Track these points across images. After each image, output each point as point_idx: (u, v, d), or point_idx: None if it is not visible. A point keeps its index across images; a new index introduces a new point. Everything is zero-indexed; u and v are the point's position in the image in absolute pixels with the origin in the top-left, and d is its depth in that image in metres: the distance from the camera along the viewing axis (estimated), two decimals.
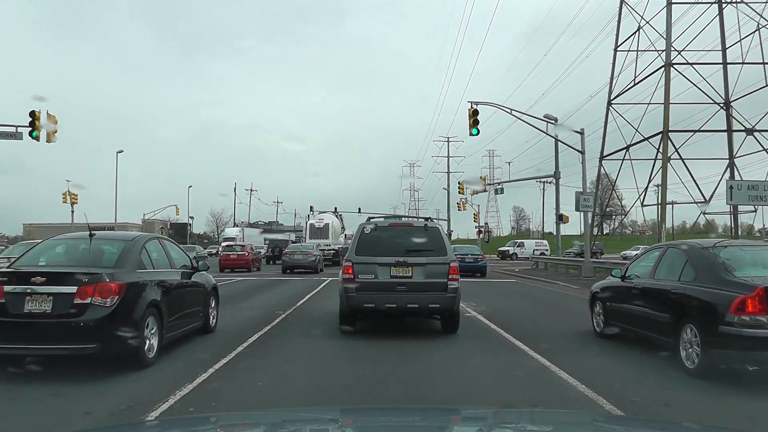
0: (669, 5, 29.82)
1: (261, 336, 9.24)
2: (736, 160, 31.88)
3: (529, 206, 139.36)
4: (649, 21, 30.64)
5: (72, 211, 40.19)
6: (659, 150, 30.30)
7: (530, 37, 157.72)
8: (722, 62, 31.85)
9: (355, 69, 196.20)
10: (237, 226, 69.05)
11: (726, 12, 31.33)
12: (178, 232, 60.21)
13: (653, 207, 35.16)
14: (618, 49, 33.18)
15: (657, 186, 32.98)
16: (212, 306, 9.53)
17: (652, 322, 7.73)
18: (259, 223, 72.29)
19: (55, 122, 21.83)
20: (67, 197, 40.18)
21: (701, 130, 31.47)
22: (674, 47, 29.82)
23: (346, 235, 46.79)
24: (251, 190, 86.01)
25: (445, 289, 9.22)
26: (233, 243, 41.13)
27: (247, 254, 32.04)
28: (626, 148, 32.37)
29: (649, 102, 31.41)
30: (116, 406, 5.44)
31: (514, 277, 28.43)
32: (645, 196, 32.55)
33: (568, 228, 34.51)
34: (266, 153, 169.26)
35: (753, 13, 29.99)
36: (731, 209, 31.60)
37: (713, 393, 6.12)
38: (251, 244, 41.19)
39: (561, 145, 31.56)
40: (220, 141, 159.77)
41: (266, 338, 9.13)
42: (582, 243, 32.45)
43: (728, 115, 31.62)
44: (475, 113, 24.06)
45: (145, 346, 6.82)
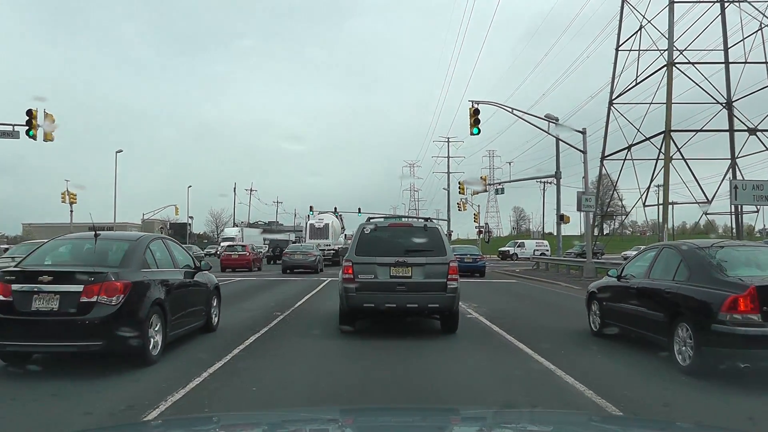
0: (671, 4, 29.89)
1: (259, 337, 9.24)
2: (738, 160, 32.05)
3: (529, 206, 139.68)
4: (650, 20, 30.79)
5: (71, 211, 40.42)
6: (661, 150, 30.42)
7: (531, 37, 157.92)
8: (724, 62, 31.97)
9: (356, 69, 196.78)
10: (236, 226, 69.21)
11: (728, 11, 31.48)
12: (178, 232, 60.32)
13: (653, 207, 35.33)
14: (619, 48, 33.25)
15: (658, 186, 33.12)
16: (214, 305, 9.75)
17: (647, 321, 7.93)
18: (259, 223, 72.40)
19: (53, 121, 21.78)
20: (66, 197, 40.35)
21: (703, 130, 31.56)
22: (676, 47, 29.96)
23: (346, 235, 46.99)
24: (251, 190, 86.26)
25: (445, 288, 9.31)
26: (233, 243, 41.53)
27: (248, 254, 32.60)
28: (628, 148, 32.44)
29: (651, 102, 31.51)
30: (116, 406, 5.51)
31: (515, 278, 28.36)
32: (647, 196, 32.74)
33: (568, 228, 34.62)
34: (266, 153, 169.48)
35: (755, 12, 30.14)
36: (733, 209, 31.81)
37: (713, 393, 6.19)
38: (252, 244, 41.76)
39: (562, 145, 31.53)
40: (220, 141, 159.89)
41: (264, 339, 9.12)
42: (582, 243, 32.56)
43: (730, 115, 31.74)
44: (476, 112, 24.06)
45: (149, 344, 7.03)
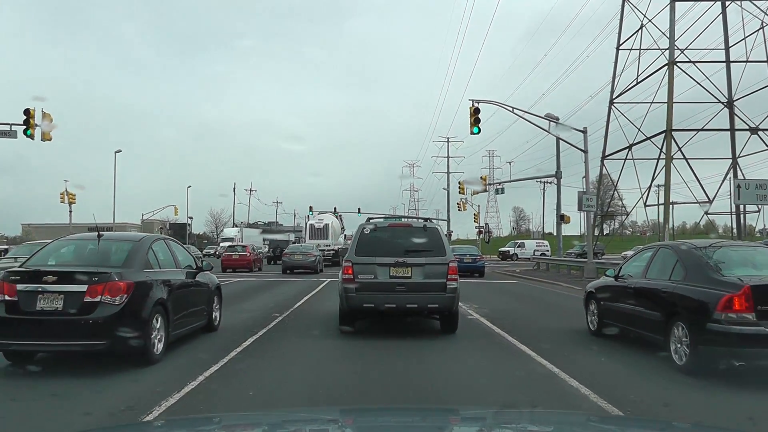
0: (672, 3, 29.98)
1: (257, 339, 9.24)
2: (739, 160, 32.16)
3: (529, 207, 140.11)
4: (651, 19, 30.90)
5: (70, 211, 40.57)
6: (662, 150, 30.52)
7: (531, 37, 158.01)
8: (725, 60, 32.08)
9: (356, 69, 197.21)
10: (236, 226, 69.39)
11: (729, 10, 31.58)
12: (177, 232, 60.33)
13: (653, 207, 35.40)
14: (620, 47, 33.34)
15: (658, 186, 33.21)
16: (216, 305, 9.90)
17: (644, 321, 8.07)
18: (259, 223, 72.56)
19: (51, 120, 21.82)
20: (65, 197, 40.49)
21: (705, 129, 31.65)
22: (677, 46, 30.06)
23: (345, 235, 47.17)
24: (251, 190, 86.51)
25: (444, 289, 9.39)
26: (234, 244, 41.90)
27: (248, 254, 33.11)
28: (628, 148, 32.55)
29: (652, 101, 31.62)
30: (116, 406, 5.55)
31: (516, 278, 28.41)
32: (648, 196, 32.85)
33: (568, 228, 34.69)
34: (266, 153, 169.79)
35: (757, 10, 30.26)
36: (734, 209, 31.92)
37: (713, 393, 6.24)
38: (252, 244, 42.21)
39: (562, 145, 31.55)
40: (220, 141, 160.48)
41: (262, 341, 9.11)
42: (583, 243, 32.67)
43: (731, 114, 31.86)
44: (476, 111, 24.09)
45: (152, 344, 7.18)
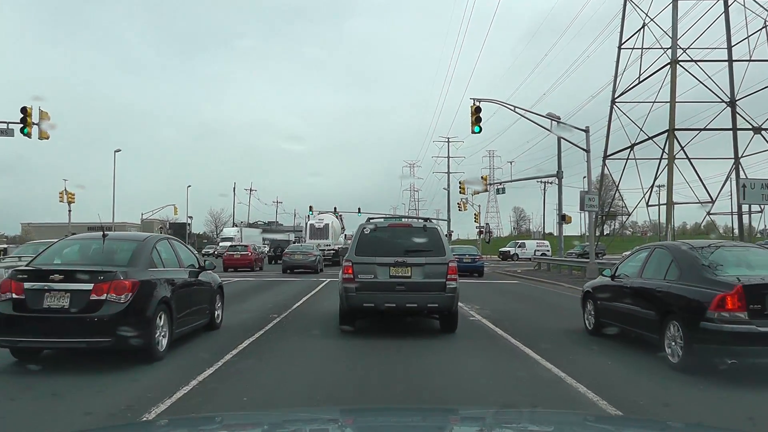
0: (674, 2, 30.23)
1: (254, 341, 9.28)
2: (741, 160, 32.34)
3: (530, 207, 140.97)
4: (653, 18, 31.15)
5: (69, 211, 40.81)
6: (664, 149, 30.72)
7: (531, 37, 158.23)
8: (728, 59, 32.27)
9: (356, 69, 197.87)
10: (236, 226, 69.71)
11: (732, 9, 31.81)
12: (177, 232, 60.49)
13: (654, 207, 35.52)
14: (622, 46, 33.60)
15: (659, 187, 33.38)
16: (218, 304, 10.15)
17: (639, 320, 8.28)
18: (259, 223, 72.91)
19: (48, 119, 21.94)
20: (64, 196, 40.69)
21: (707, 129, 31.88)
22: (679, 45, 30.26)
23: (345, 235, 47.52)
24: (250, 190, 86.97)
25: (444, 288, 9.54)
26: (235, 243, 42.46)
27: (250, 254, 33.87)
28: (630, 147, 32.78)
29: (654, 100, 31.87)
30: (116, 406, 5.61)
31: (517, 279, 28.45)
32: (650, 195, 33.07)
33: (568, 229, 34.71)
34: (266, 153, 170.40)
35: (759, 9, 30.46)
36: (738, 209, 32.12)
37: (713, 393, 6.31)
38: (254, 244, 42.85)
39: (563, 145, 31.60)
40: (219, 141, 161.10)
41: (259, 343, 9.13)
42: (583, 244, 32.82)
43: (734, 114, 32.05)
44: (477, 110, 24.20)
45: (156, 341, 7.43)
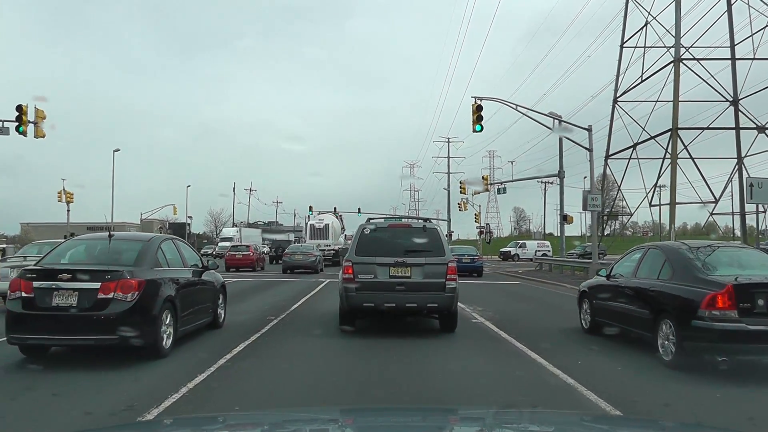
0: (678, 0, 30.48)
1: (258, 338, 9.38)
2: (745, 159, 32.57)
3: (530, 207, 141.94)
4: (656, 17, 31.39)
5: (68, 210, 41.16)
6: (667, 149, 30.93)
7: (531, 37, 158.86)
8: (731, 58, 32.48)
9: (356, 69, 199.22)
10: (235, 226, 70.11)
11: (735, 7, 32.02)
12: (177, 232, 60.77)
13: (655, 207, 35.73)
14: (624, 45, 33.82)
15: (659, 187, 33.59)
16: (221, 302, 10.50)
17: (633, 318, 8.59)
18: (259, 223, 73.34)
19: (44, 118, 22.27)
20: (63, 196, 41.00)
21: (711, 128, 32.09)
22: (682, 44, 30.48)
23: (346, 235, 47.89)
24: (250, 190, 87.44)
25: (443, 288, 9.74)
26: (237, 244, 43.13)
27: (251, 254, 34.70)
28: (633, 147, 33.00)
29: (657, 99, 32.11)
30: (116, 406, 5.68)
31: (519, 279, 28.62)
32: (653, 195, 33.31)
33: (568, 229, 34.98)
34: (266, 153, 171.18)
35: (763, 7, 30.67)
36: (740, 209, 32.35)
37: (713, 393, 6.41)
38: (255, 244, 43.82)
39: (564, 144, 31.71)
40: (219, 141, 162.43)
41: (263, 340, 9.14)
42: (584, 244, 33.03)
43: (737, 113, 32.27)
44: (479, 109, 24.37)
45: (161, 339, 7.76)
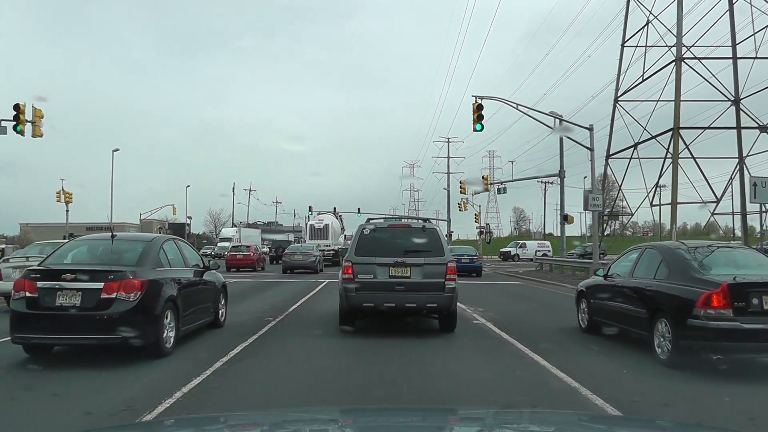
0: None
1: (258, 337, 9.45)
2: (747, 159, 32.71)
3: (530, 207, 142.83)
4: (657, 16, 31.51)
5: (67, 210, 41.38)
6: (668, 149, 31.05)
7: (532, 37, 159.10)
8: (732, 57, 32.59)
9: (356, 69, 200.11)
10: (235, 226, 70.33)
11: (737, 6, 32.16)
12: (176, 232, 60.94)
13: (655, 207, 35.87)
14: (625, 44, 33.94)
15: (659, 187, 33.72)
16: (221, 303, 10.69)
17: (630, 318, 8.75)
18: (258, 223, 73.63)
19: (41, 117, 22.34)
20: (61, 196, 41.17)
21: (712, 127, 32.23)
22: (684, 43, 30.61)
23: (345, 235, 48.12)
24: (250, 190, 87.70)
25: (443, 288, 9.82)
26: (238, 244, 43.58)
27: (252, 254, 35.31)
28: (634, 146, 33.12)
29: (659, 99, 32.22)
30: (116, 406, 5.71)
31: (519, 280, 28.73)
32: (654, 195, 33.45)
33: (568, 229, 35.11)
34: (266, 153, 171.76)
35: (766, 6, 30.79)
36: (741, 209, 32.51)
37: (713, 393, 6.48)
38: (256, 244, 44.46)
39: (565, 144, 31.83)
40: (219, 141, 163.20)
41: (259, 344, 9.15)
42: (585, 244, 33.17)
43: (738, 112, 32.40)
44: (479, 108, 24.42)
45: (163, 338, 7.92)
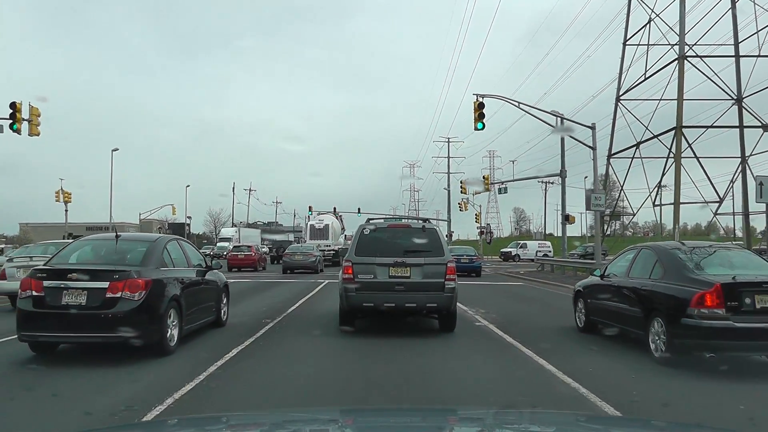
0: None
1: (259, 337, 9.54)
2: (750, 158, 32.89)
3: (530, 207, 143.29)
4: (659, 14, 31.70)
5: (66, 210, 41.65)
6: (670, 148, 31.19)
7: (531, 37, 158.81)
8: (734, 55, 32.73)
9: (356, 69, 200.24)
10: (234, 226, 70.65)
11: (739, 4, 32.33)
12: (176, 232, 61.25)
13: (653, 208, 36.04)
14: (627, 43, 34.09)
15: (660, 187, 33.87)
16: (224, 302, 10.96)
17: (626, 317, 9.01)
18: (258, 223, 73.94)
19: (38, 115, 22.57)
20: (60, 196, 41.42)
21: (715, 126, 32.40)
22: (686, 41, 30.80)
23: (345, 235, 48.45)
24: (250, 190, 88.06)
25: (443, 288, 9.97)
26: (239, 244, 44.19)
27: (253, 254, 36.18)
28: (636, 146, 33.27)
29: (661, 98, 32.38)
30: (116, 406, 5.78)
31: (521, 280, 28.84)
32: (656, 195, 33.62)
33: (568, 229, 35.31)
34: (266, 153, 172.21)
35: None
36: (743, 209, 32.70)
37: (713, 393, 6.58)
38: (257, 244, 45.18)
39: (566, 143, 31.97)
40: (219, 141, 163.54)
41: (259, 344, 9.22)
42: (586, 245, 33.32)
43: (740, 111, 32.56)
44: (480, 106, 24.55)
45: (167, 336, 8.17)
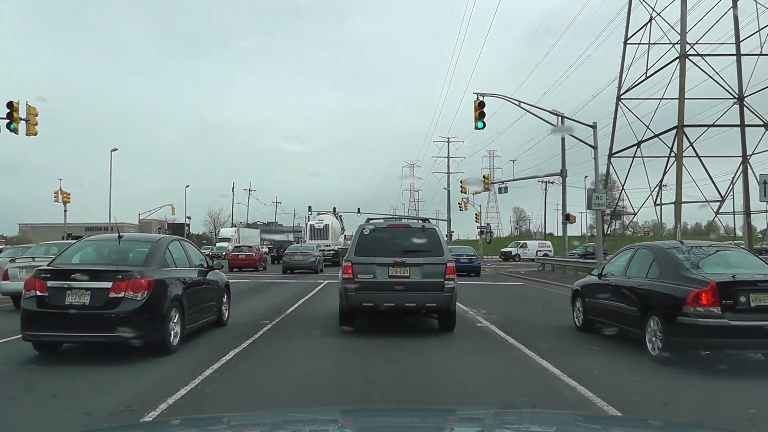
0: None
1: (259, 337, 9.64)
2: (751, 157, 33.01)
3: (530, 207, 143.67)
4: (660, 12, 31.83)
5: (65, 211, 41.81)
6: (672, 148, 31.33)
7: (531, 37, 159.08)
8: (736, 53, 32.82)
9: (356, 69, 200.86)
10: (234, 226, 70.88)
11: (740, 2, 32.47)
12: (176, 232, 61.42)
13: (653, 207, 36.18)
14: (628, 42, 34.19)
15: (662, 186, 33.98)
16: (225, 302, 11.14)
17: (623, 316, 9.17)
18: (258, 223, 74.19)
19: (36, 115, 22.65)
20: (59, 196, 41.57)
21: (716, 125, 32.53)
22: (687, 40, 30.92)
23: (345, 235, 48.68)
24: (249, 190, 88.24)
25: (442, 288, 10.07)
26: (238, 244, 44.41)
27: (254, 254, 36.88)
28: (637, 145, 33.39)
29: (662, 97, 32.49)
30: (116, 406, 5.83)
31: (521, 280, 28.92)
32: (657, 194, 33.74)
33: (569, 229, 35.47)
34: (266, 153, 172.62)
35: None
36: (744, 209, 32.82)
37: (713, 394, 6.61)
38: (257, 245, 45.94)
39: (567, 142, 32.08)
40: (219, 141, 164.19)
41: (260, 344, 9.25)
42: (586, 244, 33.41)
43: (742, 110, 32.69)
44: (481, 105, 24.58)
45: (170, 336, 8.34)
